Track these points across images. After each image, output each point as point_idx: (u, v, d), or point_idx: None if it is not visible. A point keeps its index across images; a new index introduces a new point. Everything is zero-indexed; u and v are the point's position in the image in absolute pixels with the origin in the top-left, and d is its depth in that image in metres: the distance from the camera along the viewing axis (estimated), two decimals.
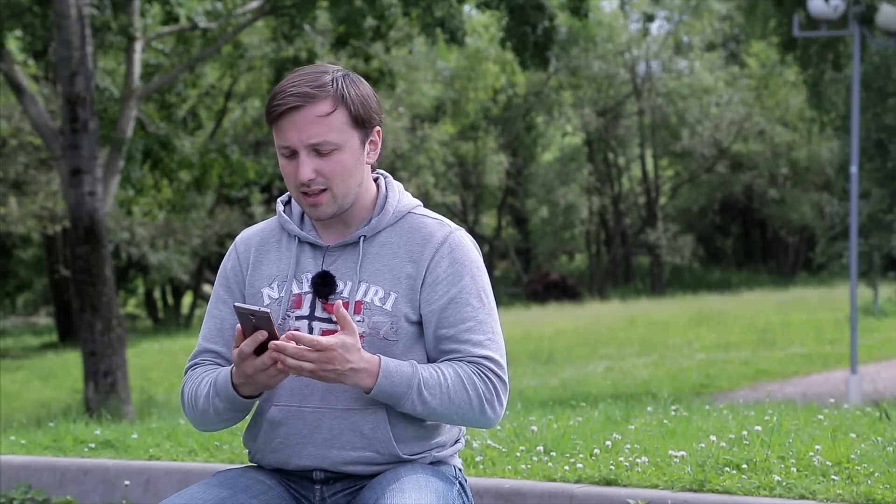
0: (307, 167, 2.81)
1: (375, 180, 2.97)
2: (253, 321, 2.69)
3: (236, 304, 2.73)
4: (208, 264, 35.90)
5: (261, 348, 2.72)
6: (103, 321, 15.04)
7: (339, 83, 2.84)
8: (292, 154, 2.83)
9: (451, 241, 2.89)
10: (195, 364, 2.97)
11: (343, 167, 2.84)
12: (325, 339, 2.69)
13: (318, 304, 2.86)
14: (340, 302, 2.76)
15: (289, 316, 2.87)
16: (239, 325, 2.73)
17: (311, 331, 2.86)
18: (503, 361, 2.86)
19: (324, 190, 2.84)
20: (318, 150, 2.82)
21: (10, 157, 27.05)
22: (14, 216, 27.59)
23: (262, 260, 2.96)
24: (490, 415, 2.83)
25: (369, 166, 2.92)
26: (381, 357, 2.78)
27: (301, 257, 2.92)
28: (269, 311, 2.67)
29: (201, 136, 23.59)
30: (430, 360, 2.88)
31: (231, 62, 22.53)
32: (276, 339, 2.70)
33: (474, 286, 2.87)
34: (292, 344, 2.69)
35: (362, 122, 2.86)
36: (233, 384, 2.81)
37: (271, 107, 2.83)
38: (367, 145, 2.88)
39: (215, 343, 2.95)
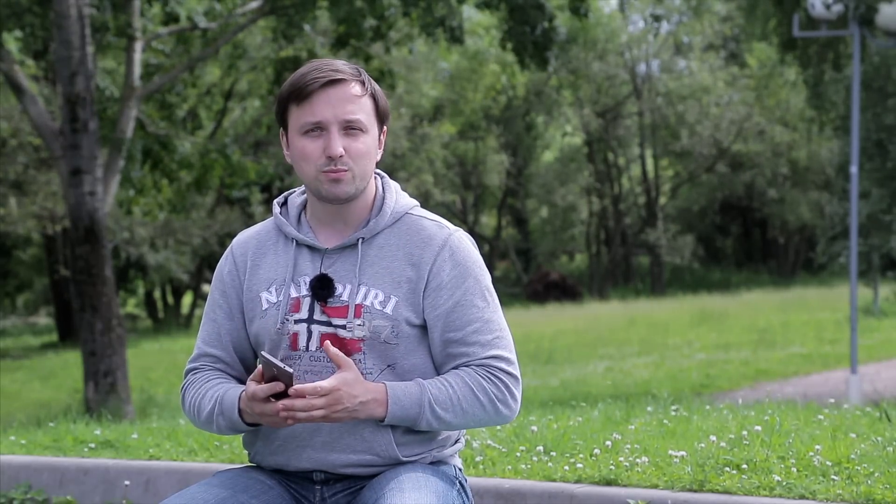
0: (338, 142, 2.80)
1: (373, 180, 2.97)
2: (275, 372, 2.70)
3: (263, 353, 2.74)
4: (208, 264, 35.89)
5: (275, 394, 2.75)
6: (103, 321, 15.04)
7: (365, 74, 2.87)
8: (319, 131, 2.82)
9: (452, 243, 2.88)
10: (195, 368, 2.97)
11: (367, 150, 2.84)
12: (327, 383, 2.70)
13: (317, 308, 2.85)
14: (329, 343, 2.76)
15: (287, 320, 2.86)
16: (260, 366, 2.74)
17: (309, 334, 2.85)
18: (513, 356, 2.87)
19: (346, 170, 2.83)
20: (348, 129, 2.82)
21: (10, 157, 27.03)
22: (14, 216, 27.58)
23: (260, 263, 2.94)
24: (505, 413, 2.84)
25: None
26: (386, 383, 2.78)
27: (299, 260, 2.90)
28: (292, 371, 2.68)
29: (201, 136, 23.59)
30: (436, 364, 2.88)
31: (231, 62, 22.53)
32: (291, 387, 2.71)
33: (478, 287, 2.87)
34: (300, 399, 2.69)
35: (382, 116, 2.89)
36: (239, 408, 2.81)
37: (306, 82, 2.80)
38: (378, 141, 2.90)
39: (214, 347, 2.95)
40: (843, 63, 20.85)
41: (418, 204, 2.97)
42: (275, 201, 3.01)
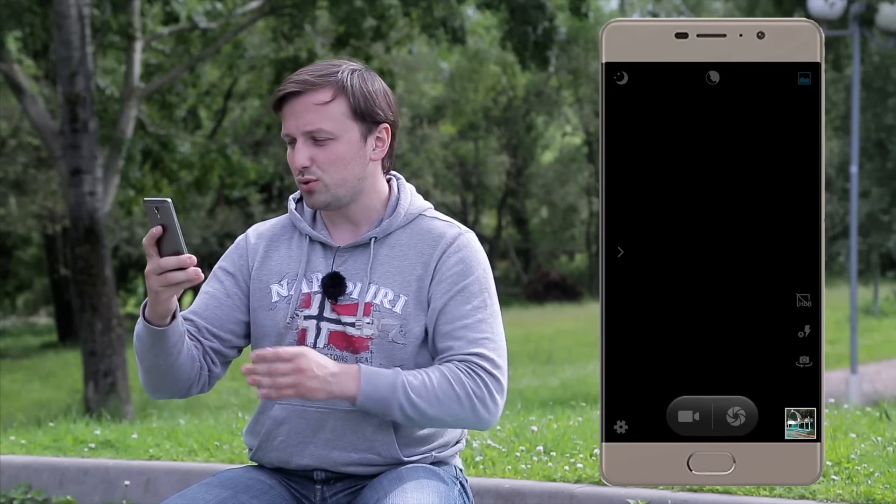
0: (302, 154, 2.81)
1: (388, 181, 2.96)
2: (158, 215, 2.59)
3: (145, 198, 2.62)
4: (208, 264, 35.89)
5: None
6: (103, 321, 15.05)
7: (344, 74, 2.84)
8: (292, 141, 2.85)
9: (460, 242, 2.88)
10: None
11: (337, 157, 2.82)
12: (291, 348, 2.69)
13: (328, 305, 2.86)
14: (261, 354, 2.70)
15: (297, 315, 2.87)
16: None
17: (318, 331, 2.85)
18: (500, 361, 2.81)
19: (316, 180, 2.83)
20: (314, 138, 2.82)
21: (10, 157, 27.05)
22: (14, 216, 27.60)
23: (272, 255, 2.95)
24: (483, 414, 2.77)
25: (378, 164, 2.90)
26: (360, 364, 2.76)
27: (312, 256, 2.91)
28: (168, 199, 2.57)
29: (201, 136, 23.59)
30: (432, 360, 2.87)
31: (231, 62, 22.53)
32: (177, 234, 2.61)
33: (478, 286, 2.86)
34: (262, 363, 2.67)
35: (363, 115, 2.84)
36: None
37: (276, 94, 2.86)
38: (370, 140, 2.86)
39: (193, 314, 2.91)
40: (843, 63, 20.86)
41: (432, 206, 2.97)
42: (290, 197, 3.01)
